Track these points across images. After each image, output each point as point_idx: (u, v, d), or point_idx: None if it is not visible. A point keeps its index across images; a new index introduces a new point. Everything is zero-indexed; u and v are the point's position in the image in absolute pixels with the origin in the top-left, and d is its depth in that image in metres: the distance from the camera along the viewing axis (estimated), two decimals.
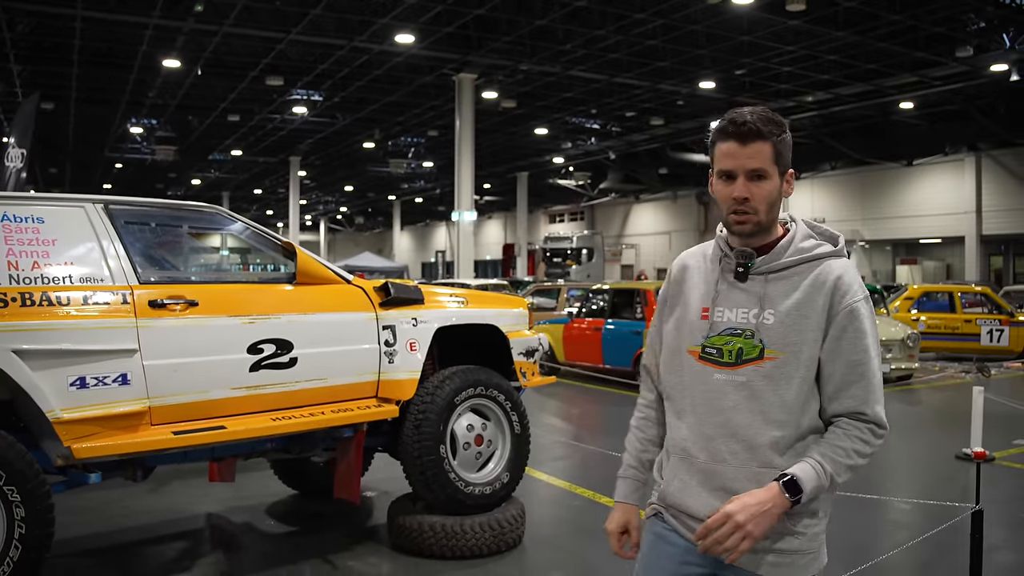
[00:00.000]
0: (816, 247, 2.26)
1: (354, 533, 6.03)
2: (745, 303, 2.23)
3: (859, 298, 2.19)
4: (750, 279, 2.25)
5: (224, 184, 50.86)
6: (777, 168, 2.20)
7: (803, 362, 2.17)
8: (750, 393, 2.19)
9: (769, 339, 2.18)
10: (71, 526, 6.02)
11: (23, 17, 20.30)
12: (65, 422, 4.14)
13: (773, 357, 2.17)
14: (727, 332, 2.24)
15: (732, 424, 2.20)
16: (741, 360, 2.20)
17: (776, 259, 2.23)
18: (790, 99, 27.14)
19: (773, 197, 2.21)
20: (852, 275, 2.23)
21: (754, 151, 2.17)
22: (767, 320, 2.19)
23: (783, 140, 2.20)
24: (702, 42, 21.66)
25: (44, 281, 4.27)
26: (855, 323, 2.17)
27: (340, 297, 5.29)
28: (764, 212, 2.20)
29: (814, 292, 2.19)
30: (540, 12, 20.04)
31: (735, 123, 2.18)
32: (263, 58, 23.47)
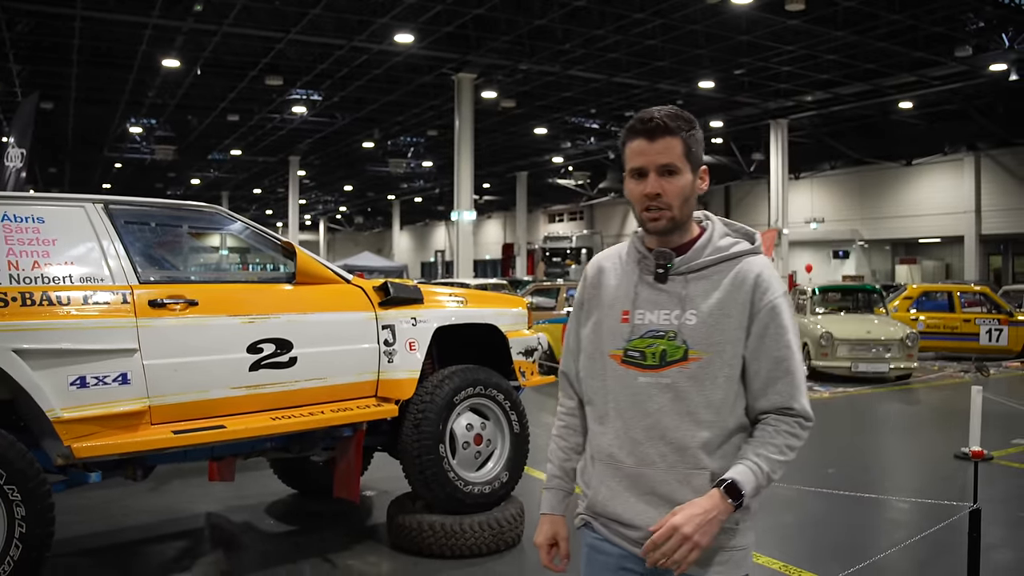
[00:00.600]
0: (733, 245, 2.24)
1: (354, 532, 6.05)
2: (666, 304, 2.21)
3: (779, 295, 2.18)
4: (670, 280, 2.22)
5: (224, 184, 50.86)
6: (688, 164, 2.18)
7: (727, 361, 2.16)
8: (676, 395, 2.17)
9: (692, 340, 2.16)
10: (72, 525, 6.02)
11: (22, 17, 20.30)
12: (65, 421, 4.15)
13: (697, 358, 2.16)
14: (649, 334, 2.21)
15: (660, 427, 2.18)
16: (665, 362, 2.18)
17: (695, 259, 2.22)
18: (789, 99, 27.17)
19: (686, 192, 2.19)
20: (771, 272, 2.22)
21: (663, 147, 2.15)
22: (689, 321, 2.18)
23: (692, 136, 2.18)
24: (701, 42, 21.67)
25: (44, 281, 4.28)
26: (777, 320, 2.16)
27: (339, 297, 5.30)
28: (678, 207, 2.18)
29: (735, 290, 2.17)
30: (539, 12, 20.05)
31: (642, 120, 2.18)
32: (262, 58, 23.48)
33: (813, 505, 6.69)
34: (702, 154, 2.24)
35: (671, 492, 2.15)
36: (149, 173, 45.09)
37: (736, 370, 2.17)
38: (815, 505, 6.69)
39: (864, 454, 9.11)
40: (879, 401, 12.59)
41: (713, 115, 29.85)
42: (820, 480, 7.47)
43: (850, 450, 9.21)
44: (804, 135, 32.52)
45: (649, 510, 2.16)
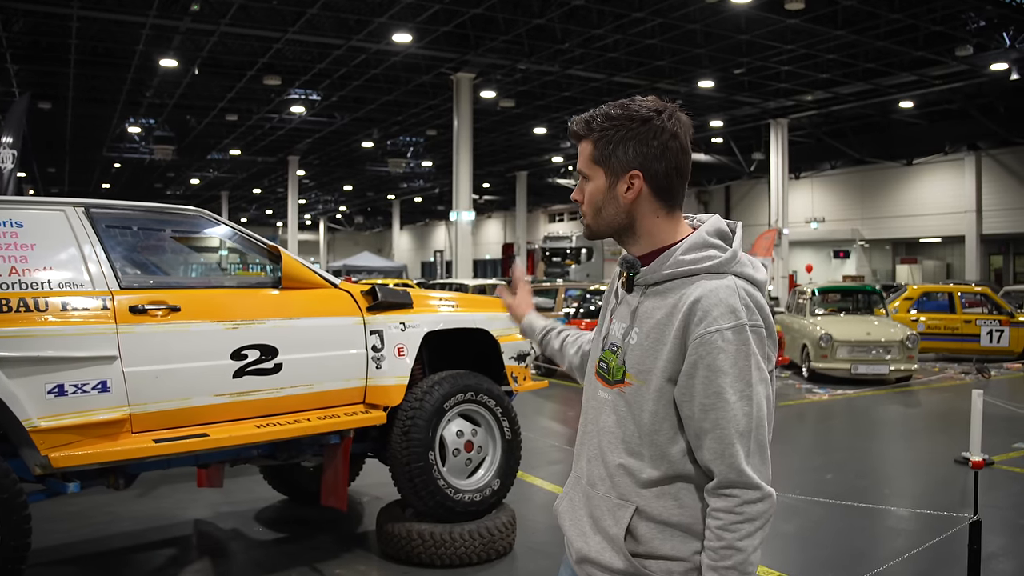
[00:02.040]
0: (700, 261, 1.93)
1: (343, 540, 5.95)
2: (624, 317, 2.04)
3: (720, 327, 1.83)
4: (634, 291, 2.04)
5: (223, 183, 50.78)
6: (603, 168, 1.99)
7: (651, 394, 1.93)
8: (618, 417, 2.00)
9: (629, 361, 1.98)
10: (56, 532, 5.94)
11: (19, 16, 20.22)
12: (42, 431, 4.06)
13: (630, 383, 1.97)
14: (610, 347, 2.06)
15: (602, 447, 2.04)
16: (613, 380, 2.03)
17: (655, 270, 1.98)
18: (789, 98, 27.07)
19: (596, 200, 2.02)
20: (720, 297, 1.85)
21: (580, 151, 2.05)
22: (632, 340, 1.99)
23: (606, 137, 1.96)
24: (700, 41, 21.57)
25: (21, 287, 4.18)
26: (708, 359, 1.83)
27: (326, 301, 5.20)
28: (590, 215, 2.04)
29: (673, 315, 1.90)
30: (538, 11, 19.96)
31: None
32: (260, 57, 23.38)
33: (810, 513, 6.58)
34: (636, 154, 1.94)
35: (601, 519, 2.00)
36: (148, 173, 45.02)
37: (663, 407, 1.92)
38: (812, 513, 6.58)
39: (863, 458, 9.00)
40: (879, 404, 12.49)
41: (713, 114, 29.76)
42: (818, 486, 7.38)
43: (849, 454, 9.11)
44: (804, 135, 32.44)
45: (586, 534, 2.04)
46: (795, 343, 14.96)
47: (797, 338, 14.92)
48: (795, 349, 14.94)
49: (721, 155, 36.44)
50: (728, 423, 1.83)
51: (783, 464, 8.59)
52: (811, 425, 11.14)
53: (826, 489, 7.24)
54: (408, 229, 71.14)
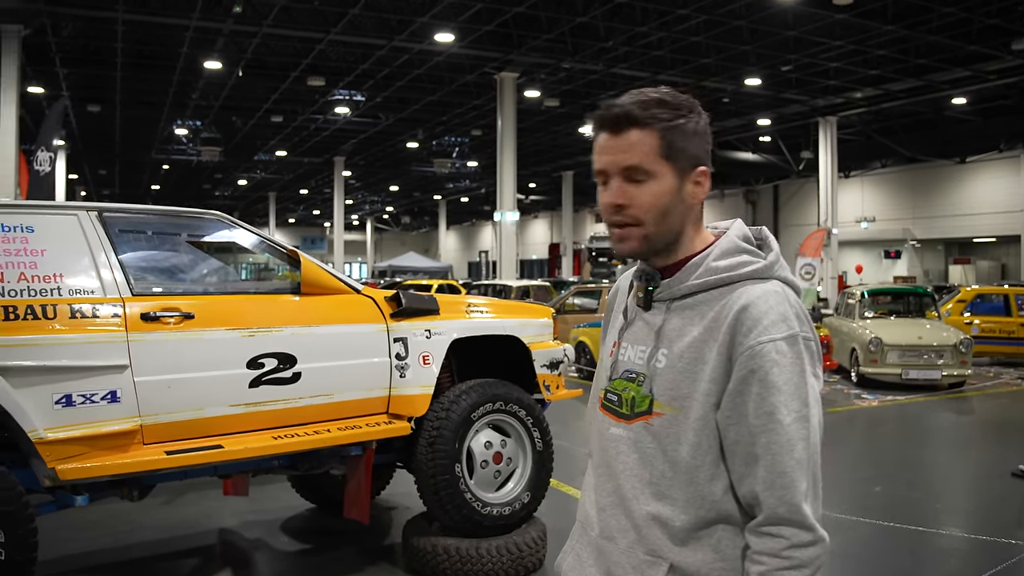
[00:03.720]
0: (738, 267, 1.69)
1: (369, 552, 5.79)
2: (644, 339, 1.75)
3: (772, 337, 1.59)
4: (654, 307, 1.76)
5: (270, 184, 51.11)
6: (669, 164, 1.66)
7: (692, 424, 1.64)
8: (640, 456, 1.70)
9: (658, 388, 1.68)
10: (76, 541, 5.86)
11: (67, 21, 20.43)
12: (49, 442, 3.94)
13: (660, 413, 1.68)
14: (625, 375, 1.76)
15: (621, 493, 1.73)
16: (633, 412, 1.72)
17: (681, 281, 1.71)
18: (838, 95, 26.54)
19: (664, 202, 1.67)
20: (770, 304, 1.62)
21: (629, 142, 1.65)
22: (659, 363, 1.69)
23: (677, 127, 1.66)
24: (747, 38, 21.19)
25: (30, 293, 4.07)
26: (761, 374, 1.57)
27: (348, 308, 5.04)
28: (653, 223, 1.68)
29: (715, 327, 1.64)
30: (581, 9, 19.73)
31: (608, 108, 1.69)
32: (303, 58, 23.41)
33: (856, 530, 6.27)
34: (703, 149, 1.71)
35: None
36: (197, 174, 45.47)
37: (706, 438, 1.64)
38: (858, 530, 6.26)
39: (913, 469, 8.64)
40: (930, 410, 12.09)
41: (760, 113, 29.31)
42: (865, 499, 7.08)
43: (898, 465, 8.76)
44: (854, 132, 31.81)
45: None
46: (843, 347, 14.57)
47: (846, 342, 14.53)
48: (843, 353, 14.55)
49: (769, 154, 35.90)
50: (782, 449, 1.57)
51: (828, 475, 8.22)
52: (859, 433, 10.80)
53: (874, 502, 6.94)
54: (455, 229, 71.17)
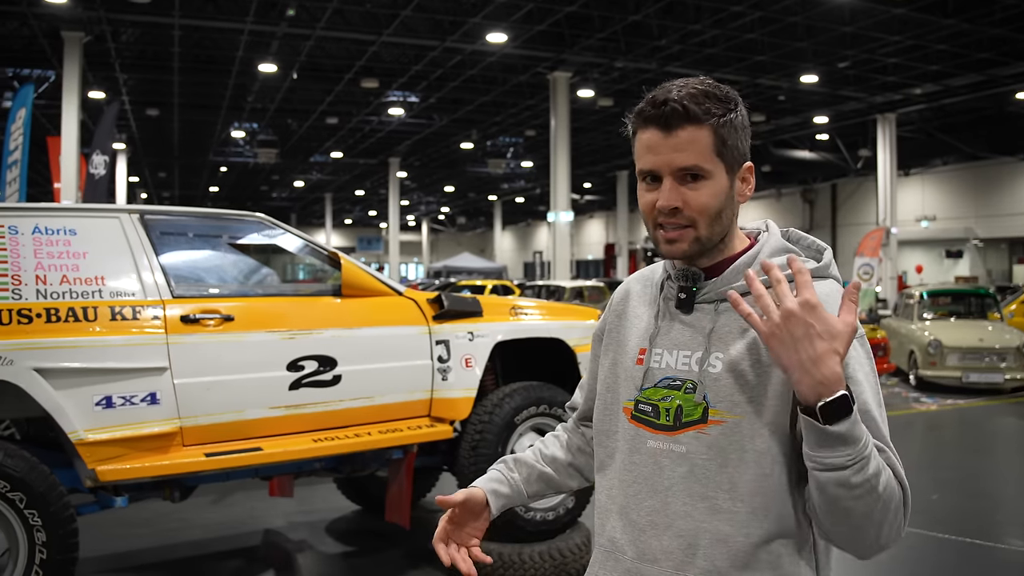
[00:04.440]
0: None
1: (412, 555, 5.76)
2: (688, 343, 1.62)
3: None
4: (697, 309, 1.64)
5: (326, 186, 51.55)
6: (722, 163, 1.58)
7: (760, 429, 1.52)
8: (691, 470, 1.56)
9: (715, 394, 1.55)
10: (125, 539, 5.93)
11: (126, 27, 20.77)
12: (89, 443, 3.97)
13: (719, 420, 1.54)
14: (665, 383, 1.62)
15: (668, 512, 1.58)
16: (680, 423, 1.58)
17: (731, 281, 1.62)
18: (897, 92, 26.00)
19: (718, 203, 1.59)
20: (835, 301, 1.52)
21: (684, 141, 1.55)
22: (713, 367, 1.57)
23: (728, 123, 1.57)
24: (802, 34, 20.85)
25: (72, 296, 4.11)
26: (846, 370, 1.45)
27: (389, 310, 5.01)
28: (706, 224, 1.59)
29: None
30: (633, 7, 19.56)
31: (655, 103, 1.57)
32: (357, 60, 23.53)
33: (908, 539, 6.10)
34: (747, 145, 1.62)
35: None
36: (254, 176, 46.02)
37: (776, 443, 1.52)
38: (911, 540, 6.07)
39: (974, 477, 8.38)
40: (992, 416, 11.77)
41: (817, 110, 28.82)
42: (921, 507, 6.88)
43: (958, 472, 8.53)
44: (913, 129, 31.13)
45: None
46: (902, 349, 14.26)
47: (904, 344, 14.22)
48: (902, 356, 14.24)
49: (826, 152, 35.34)
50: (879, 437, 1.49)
51: None
52: (918, 438, 10.54)
53: (931, 511, 6.74)
54: (510, 229, 71.18)
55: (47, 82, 23.12)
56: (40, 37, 20.42)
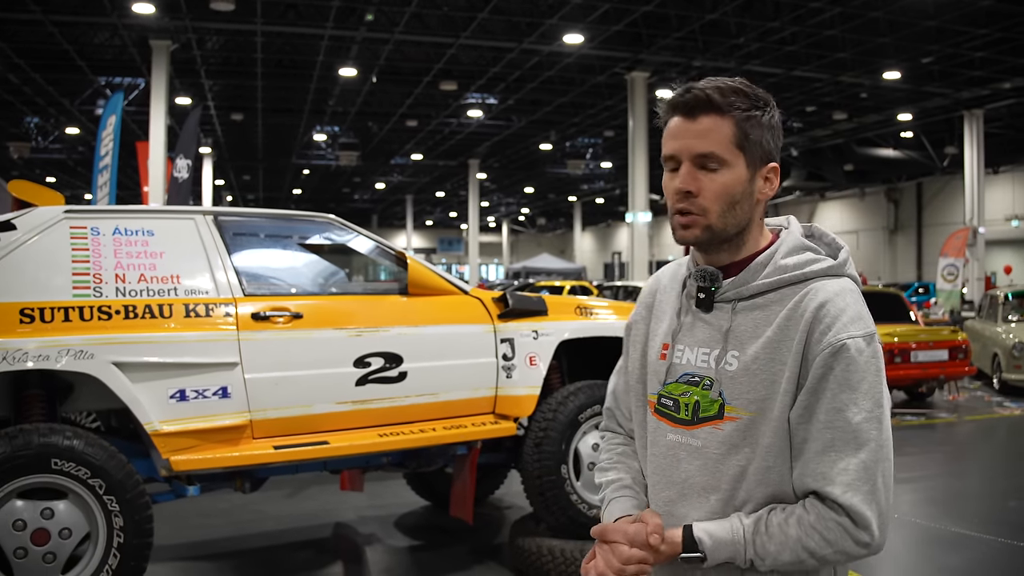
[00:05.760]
0: (807, 264, 1.66)
1: (477, 551, 5.87)
2: (707, 341, 1.69)
3: (851, 334, 1.56)
4: (716, 308, 1.70)
5: (407, 188, 52.14)
6: (743, 156, 1.63)
7: (769, 426, 1.60)
8: (704, 464, 1.65)
9: (730, 392, 1.63)
10: (202, 528, 6.16)
11: (211, 35, 21.37)
12: (164, 434, 4.15)
13: (735, 417, 1.62)
14: (685, 379, 1.70)
15: (685, 503, 1.69)
16: (698, 418, 1.66)
17: (748, 281, 1.67)
18: (984, 87, 25.25)
19: (733, 194, 1.64)
20: (847, 302, 1.60)
21: (704, 128, 1.62)
22: (729, 366, 1.64)
23: (753, 119, 1.63)
24: (884, 30, 20.43)
25: (149, 294, 4.30)
26: (838, 370, 1.55)
27: (454, 309, 5.11)
28: (717, 214, 1.64)
29: (790, 326, 1.60)
30: (710, 6, 19.42)
31: (683, 92, 1.65)
32: (435, 63, 23.79)
33: (983, 547, 5.92)
34: (774, 145, 1.68)
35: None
36: (336, 178, 46.78)
37: (780, 438, 1.61)
38: (985, 548, 5.92)
39: None
40: None
41: (901, 107, 28.16)
42: (997, 514, 6.74)
43: None
44: (1002, 126, 30.18)
45: None
46: (985, 351, 13.90)
47: (988, 346, 13.86)
48: (985, 358, 13.88)
49: (911, 150, 34.54)
50: (847, 445, 1.56)
51: (958, 486, 7.96)
52: (998, 443, 10.30)
53: (1006, 518, 6.60)
54: (590, 230, 71.03)
55: (137, 89, 23.90)
56: (130, 47, 21.16)
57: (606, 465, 1.92)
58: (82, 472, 3.95)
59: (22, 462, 3.87)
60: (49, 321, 4.07)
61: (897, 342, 11.21)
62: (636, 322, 1.90)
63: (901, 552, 5.95)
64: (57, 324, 4.08)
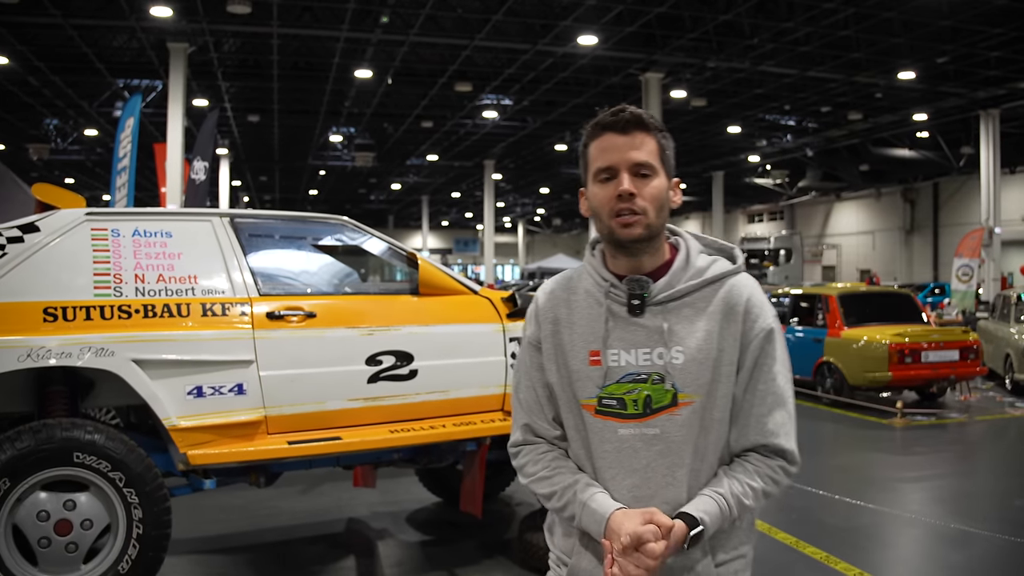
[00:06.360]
0: (712, 264, 1.98)
1: (487, 546, 5.97)
2: (645, 341, 1.91)
3: (771, 319, 1.95)
4: (648, 311, 1.92)
5: (422, 188, 52.33)
6: (663, 167, 1.92)
7: (718, 402, 1.91)
8: (665, 447, 1.89)
9: (682, 381, 1.89)
10: (217, 523, 6.29)
11: (228, 37, 21.59)
12: (182, 429, 4.29)
13: (688, 402, 1.89)
14: (628, 379, 1.91)
15: (650, 485, 1.90)
16: (651, 409, 1.89)
17: (674, 284, 1.94)
18: (1001, 86, 25.18)
19: (662, 198, 1.91)
20: (760, 294, 1.97)
21: (638, 141, 1.89)
22: (676, 359, 1.89)
23: (667, 138, 1.94)
24: (898, 30, 20.43)
25: (167, 293, 4.44)
26: (769, 348, 1.93)
27: (464, 308, 5.23)
28: (653, 214, 1.89)
29: (725, 320, 1.91)
30: (724, 7, 19.48)
31: (613, 113, 1.92)
32: (450, 65, 23.93)
33: (986, 545, 5.96)
34: (674, 164, 1.99)
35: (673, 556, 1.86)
36: (352, 179, 47.00)
37: (726, 412, 1.93)
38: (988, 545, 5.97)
39: None
40: None
41: (916, 107, 28.10)
42: (1003, 513, 6.81)
43: None
44: (1019, 125, 30.03)
45: None
46: (997, 352, 13.91)
47: (1000, 347, 13.87)
48: (997, 359, 13.89)
49: (927, 150, 34.46)
50: (778, 403, 1.94)
51: (967, 486, 8.02)
52: (1009, 443, 10.34)
53: (1013, 517, 6.65)
54: None
55: (154, 92, 24.15)
56: (148, 49, 21.40)
57: (547, 473, 2.01)
58: (103, 465, 4.10)
59: (46, 455, 4.02)
60: (71, 320, 4.22)
61: (908, 342, 11.25)
62: (546, 337, 2.03)
63: (907, 550, 6.04)
64: (79, 323, 4.22)
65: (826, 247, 48.58)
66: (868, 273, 40.10)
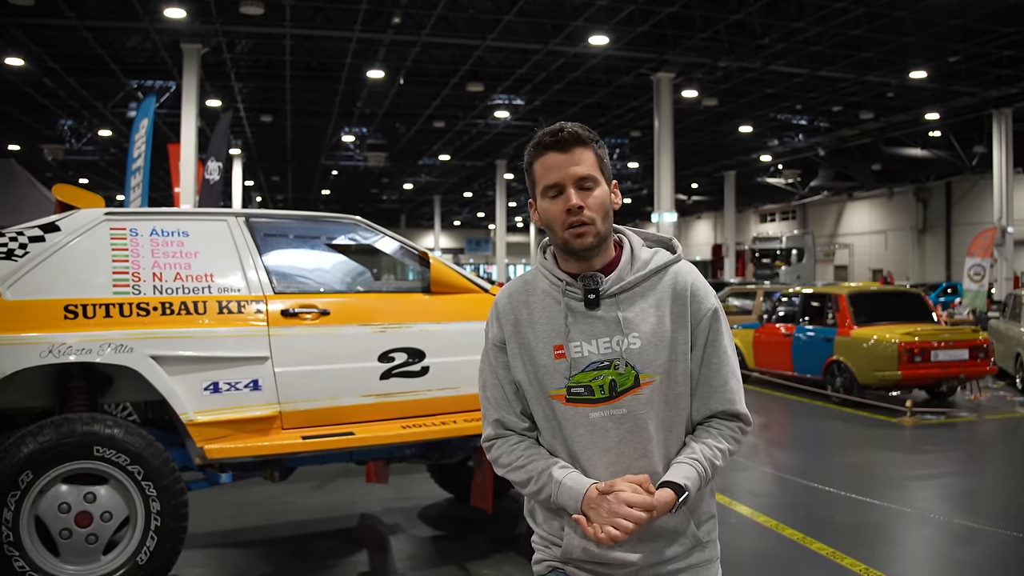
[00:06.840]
0: (655, 256, 2.19)
1: (497, 541, 6.05)
2: (603, 332, 2.11)
3: (712, 299, 2.18)
4: (602, 304, 2.12)
5: (434, 188, 52.48)
6: (603, 175, 2.12)
7: (678, 378, 2.13)
8: (634, 424, 2.10)
9: (641, 364, 2.09)
10: (234, 518, 6.39)
11: (241, 38, 21.74)
12: (198, 424, 4.39)
13: (649, 381, 2.09)
14: (592, 367, 2.10)
15: (624, 460, 2.10)
16: (616, 392, 2.09)
17: (624, 277, 2.14)
18: (1013, 85, 25.13)
19: (606, 205, 2.11)
20: (702, 279, 2.19)
21: (579, 157, 2.09)
22: (633, 345, 2.10)
23: (602, 147, 2.15)
24: (909, 29, 20.42)
25: (184, 291, 4.54)
26: (716, 326, 2.16)
27: (475, 306, 5.31)
28: (601, 221, 2.09)
29: (675, 304, 2.14)
30: (735, 6, 19.52)
31: (551, 134, 2.12)
32: (462, 65, 24.04)
33: (990, 542, 6.00)
34: (610, 168, 2.19)
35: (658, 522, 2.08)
36: (364, 179, 47.16)
37: (686, 385, 2.15)
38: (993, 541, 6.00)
39: None
40: None
41: (928, 106, 28.08)
42: (1009, 511, 6.85)
43: None
44: None
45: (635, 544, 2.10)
46: (1008, 351, 13.91)
47: (1011, 346, 13.87)
48: (1008, 358, 13.90)
49: (939, 149, 34.38)
50: (731, 373, 2.18)
51: (974, 484, 8.06)
52: (1020, 442, 10.36)
53: (1020, 515, 6.71)
54: None
55: (168, 92, 24.33)
56: (161, 50, 21.59)
57: (521, 462, 2.17)
58: (122, 459, 4.21)
59: (66, 449, 4.13)
60: (91, 317, 4.32)
61: (918, 341, 11.28)
62: (509, 338, 2.19)
63: (914, 546, 6.09)
64: (98, 320, 4.33)
65: (838, 247, 48.50)
66: (881, 273, 40.00)
